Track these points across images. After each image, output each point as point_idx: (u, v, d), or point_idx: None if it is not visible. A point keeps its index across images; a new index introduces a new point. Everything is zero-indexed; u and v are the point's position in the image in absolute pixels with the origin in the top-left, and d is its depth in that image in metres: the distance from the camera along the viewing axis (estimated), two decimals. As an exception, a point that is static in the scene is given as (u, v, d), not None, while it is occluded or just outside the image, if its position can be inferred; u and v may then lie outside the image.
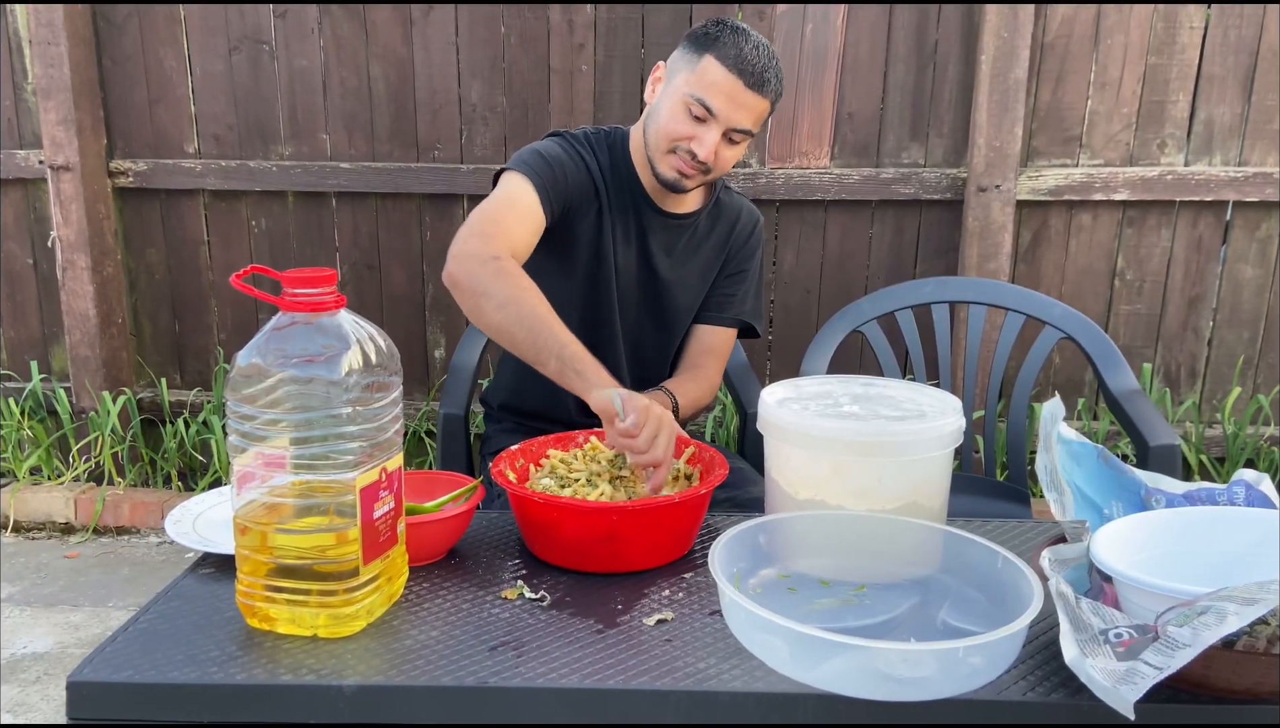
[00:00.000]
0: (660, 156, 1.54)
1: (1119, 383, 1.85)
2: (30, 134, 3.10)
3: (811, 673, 0.88)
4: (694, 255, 1.70)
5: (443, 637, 0.99)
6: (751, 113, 1.50)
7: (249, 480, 0.97)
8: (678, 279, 1.69)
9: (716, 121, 1.49)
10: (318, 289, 0.96)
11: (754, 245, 1.75)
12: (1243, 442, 2.88)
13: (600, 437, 1.33)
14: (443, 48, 2.95)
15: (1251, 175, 2.78)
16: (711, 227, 1.71)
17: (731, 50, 1.47)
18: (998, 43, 2.71)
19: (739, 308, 1.75)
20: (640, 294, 1.68)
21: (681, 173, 1.54)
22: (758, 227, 1.76)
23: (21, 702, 2.20)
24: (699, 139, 1.49)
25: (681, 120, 1.50)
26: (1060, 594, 0.88)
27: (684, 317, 1.72)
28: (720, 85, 1.47)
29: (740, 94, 1.47)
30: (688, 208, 1.68)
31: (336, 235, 3.10)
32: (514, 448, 1.30)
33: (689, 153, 1.51)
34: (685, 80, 1.50)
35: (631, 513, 1.11)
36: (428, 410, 3.11)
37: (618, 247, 1.64)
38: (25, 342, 3.30)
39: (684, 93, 1.50)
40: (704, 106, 1.48)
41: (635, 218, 1.64)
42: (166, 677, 0.91)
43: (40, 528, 3.11)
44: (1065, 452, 1.10)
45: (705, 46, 1.49)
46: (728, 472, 1.21)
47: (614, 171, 1.63)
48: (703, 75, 1.48)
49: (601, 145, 1.64)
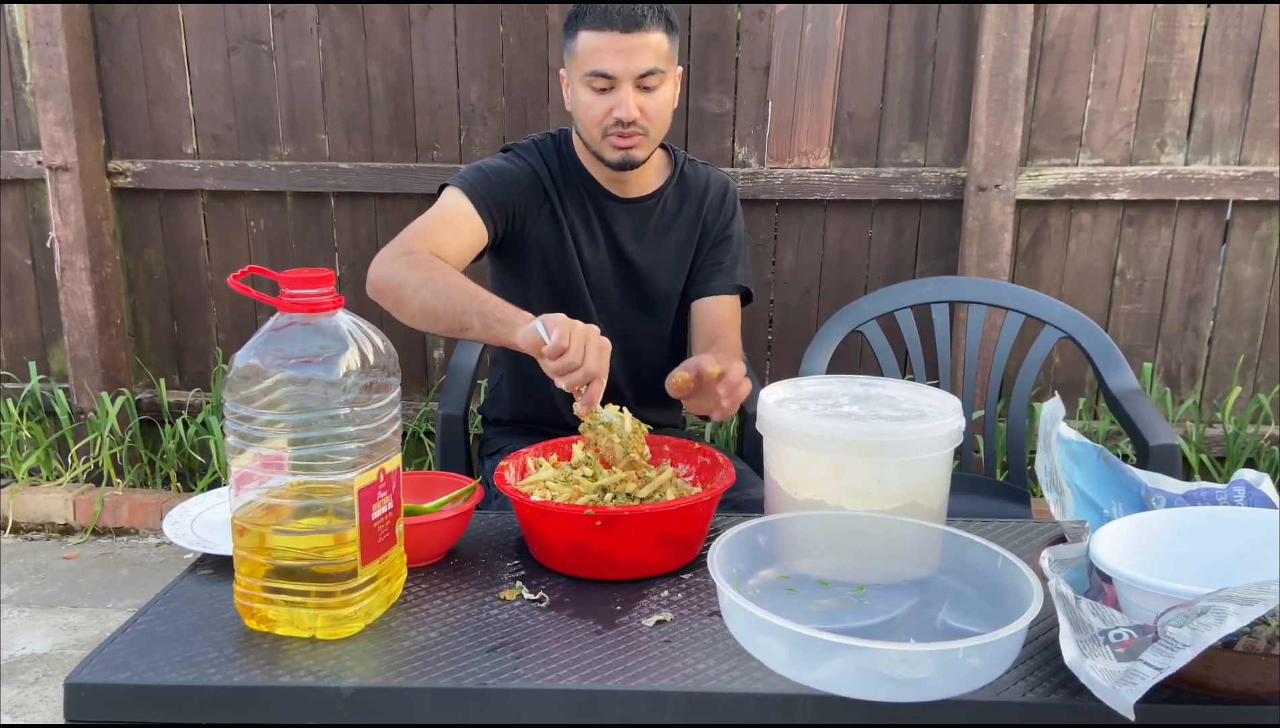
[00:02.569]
0: (599, 144, 1.55)
1: (1119, 383, 1.85)
2: (29, 134, 3.10)
3: (811, 674, 0.88)
4: (666, 235, 1.68)
5: (441, 638, 0.99)
6: (645, 52, 1.49)
7: (247, 481, 0.97)
8: (654, 262, 1.68)
9: (619, 79, 1.50)
10: (316, 290, 0.96)
11: (730, 210, 1.73)
12: (1243, 441, 2.88)
13: (587, 441, 1.32)
14: (441, 48, 2.94)
15: (1251, 174, 2.78)
16: (680, 202, 1.69)
17: (595, 14, 1.49)
18: (997, 42, 2.71)
19: (733, 274, 1.72)
20: (618, 285, 1.67)
21: (622, 147, 1.54)
22: (729, 191, 1.73)
23: (20, 703, 2.19)
24: (616, 106, 1.50)
25: (593, 101, 1.52)
26: (1060, 595, 0.88)
27: (670, 297, 1.71)
28: (600, 48, 1.49)
29: (621, 42, 1.48)
30: (648, 188, 1.67)
31: (335, 235, 3.10)
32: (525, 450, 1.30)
33: (616, 122, 1.51)
34: (575, 66, 1.53)
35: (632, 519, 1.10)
36: (426, 411, 3.11)
37: (581, 245, 1.64)
38: (24, 342, 3.29)
39: (579, 76, 1.52)
40: (599, 75, 1.50)
41: (595, 212, 1.64)
42: (165, 678, 0.91)
43: (39, 529, 3.10)
44: (1065, 452, 1.10)
45: (573, 27, 1.52)
46: (733, 480, 1.19)
47: (564, 172, 1.64)
48: (583, 51, 1.51)
49: (549, 149, 1.65)
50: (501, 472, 1.22)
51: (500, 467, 1.24)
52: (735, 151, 2.93)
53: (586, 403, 1.20)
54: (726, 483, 1.18)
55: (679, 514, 1.13)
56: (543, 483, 1.24)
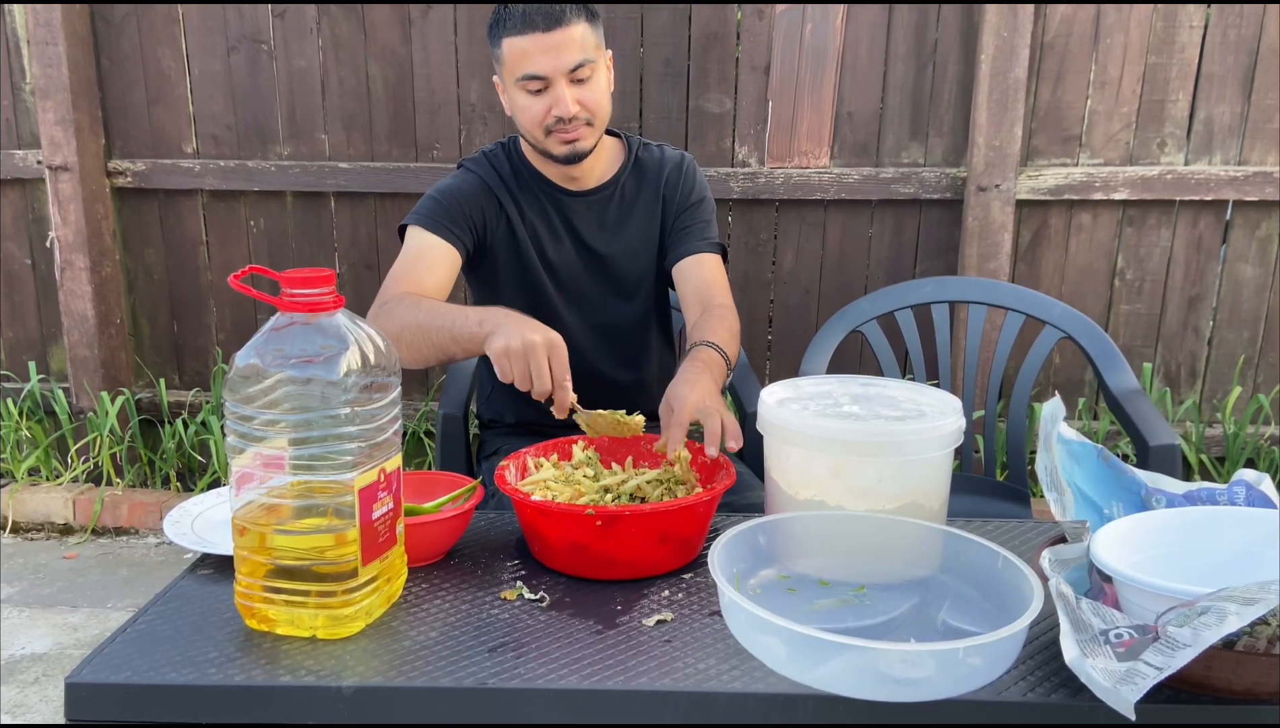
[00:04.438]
0: (543, 142, 1.56)
1: (1119, 383, 1.85)
2: (28, 134, 3.10)
3: (811, 674, 0.88)
4: (628, 220, 1.68)
5: (442, 638, 0.99)
6: (571, 46, 1.49)
7: (247, 481, 0.97)
8: (620, 249, 1.68)
9: (551, 78, 1.50)
10: (316, 289, 0.96)
11: (690, 178, 1.72)
12: (1243, 441, 2.88)
13: (588, 441, 1.33)
14: (441, 47, 2.94)
15: (1251, 174, 2.78)
16: (639, 186, 1.70)
17: (515, 18, 1.49)
18: (997, 42, 2.71)
19: (708, 232, 1.70)
20: (588, 277, 1.68)
21: (568, 141, 1.55)
22: (684, 161, 1.73)
23: (20, 703, 2.19)
24: (554, 104, 1.51)
25: (529, 104, 1.53)
26: (1060, 595, 0.88)
27: (643, 279, 1.71)
28: (527, 51, 1.49)
29: (545, 40, 1.48)
30: (604, 177, 1.67)
31: (335, 235, 3.10)
32: (526, 450, 1.30)
33: (558, 121, 1.52)
34: (506, 72, 1.54)
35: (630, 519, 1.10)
36: (427, 411, 3.11)
37: (544, 245, 1.64)
38: (23, 342, 3.29)
39: (512, 82, 1.53)
40: (532, 78, 1.51)
41: (555, 210, 1.65)
42: (165, 678, 0.91)
43: (39, 529, 3.10)
44: (1065, 452, 1.10)
45: (496, 34, 1.53)
46: (734, 480, 1.19)
47: (516, 176, 1.65)
48: (510, 57, 1.51)
49: (498, 157, 1.66)
50: (502, 471, 1.22)
51: (500, 466, 1.24)
52: (735, 151, 2.93)
53: (558, 410, 1.23)
54: (727, 483, 1.18)
55: (679, 514, 1.12)
56: (543, 483, 1.24)
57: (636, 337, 1.73)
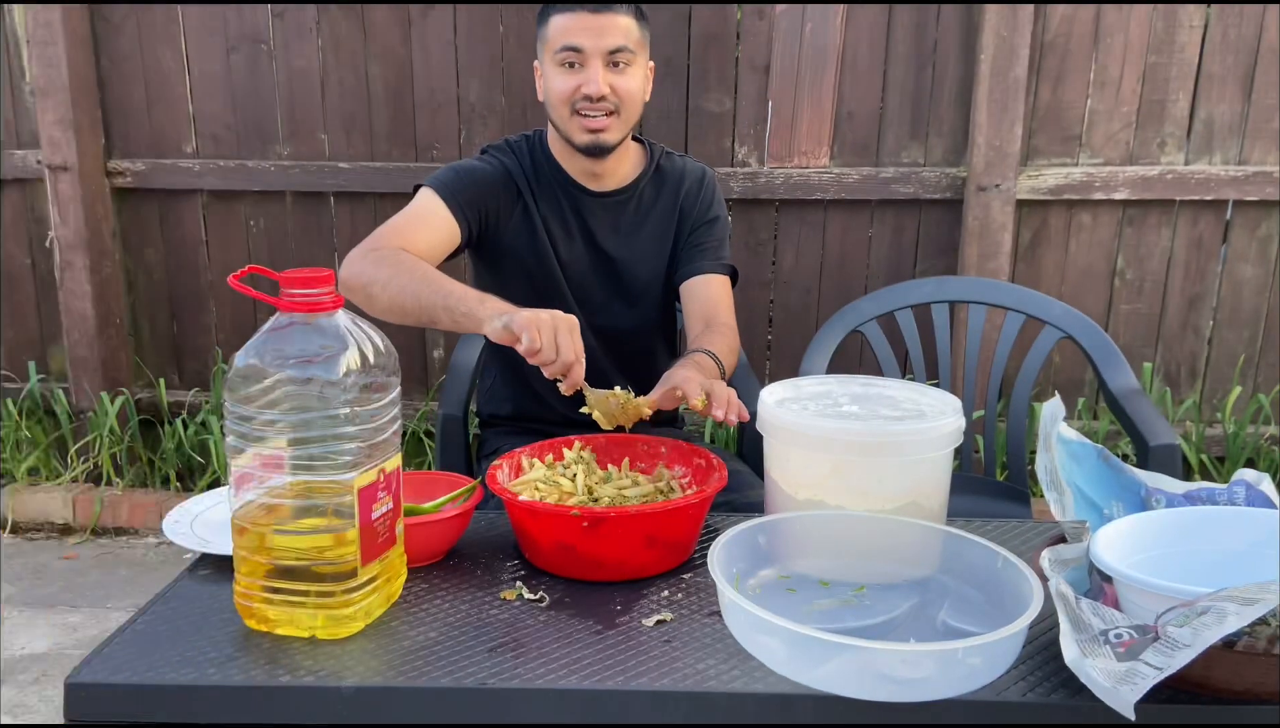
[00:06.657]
0: (567, 124, 1.57)
1: (1119, 382, 1.85)
2: (28, 134, 3.10)
3: (811, 674, 0.88)
4: (643, 226, 1.68)
5: (441, 638, 0.99)
6: (615, 30, 1.52)
7: (247, 481, 0.97)
8: (632, 254, 1.68)
9: (588, 55, 1.52)
10: (316, 289, 0.96)
11: (709, 194, 1.73)
12: (1243, 441, 2.88)
13: (585, 441, 1.33)
14: (441, 47, 2.94)
15: (1251, 174, 2.78)
16: (657, 193, 1.70)
17: None
18: (997, 42, 2.70)
19: (720, 253, 1.71)
20: (597, 279, 1.68)
21: (591, 129, 1.55)
22: (706, 177, 1.74)
23: (20, 703, 2.19)
24: (584, 82, 1.53)
25: (563, 78, 1.55)
26: (1060, 595, 0.88)
27: (651, 287, 1.71)
28: (570, 26, 1.52)
29: (591, 20, 1.51)
30: (623, 181, 1.67)
31: (335, 235, 3.10)
32: (520, 450, 1.30)
33: (585, 100, 1.53)
34: (547, 50, 1.57)
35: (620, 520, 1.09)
36: (426, 411, 3.11)
37: (556, 241, 1.64)
38: (23, 342, 3.29)
39: (550, 57, 1.55)
40: (569, 50, 1.52)
41: (570, 207, 1.65)
42: (164, 678, 0.91)
43: (38, 529, 3.10)
44: (1065, 452, 1.10)
45: (545, 15, 1.57)
46: (724, 484, 1.19)
47: (537, 169, 1.65)
48: (554, 33, 1.54)
49: (522, 148, 1.67)
50: (494, 471, 1.22)
51: (494, 466, 1.24)
52: (735, 151, 2.93)
53: (569, 386, 1.25)
54: (717, 486, 1.17)
55: (666, 516, 1.12)
56: (533, 483, 1.24)
57: (637, 342, 1.73)
